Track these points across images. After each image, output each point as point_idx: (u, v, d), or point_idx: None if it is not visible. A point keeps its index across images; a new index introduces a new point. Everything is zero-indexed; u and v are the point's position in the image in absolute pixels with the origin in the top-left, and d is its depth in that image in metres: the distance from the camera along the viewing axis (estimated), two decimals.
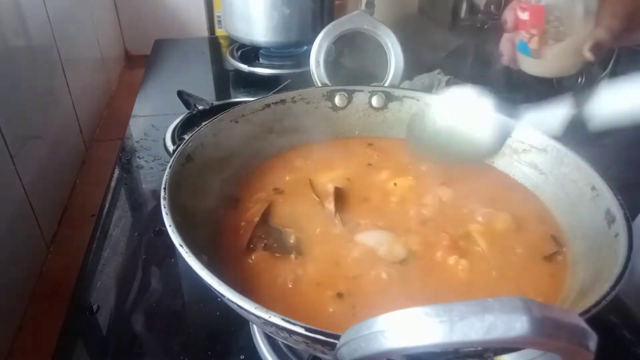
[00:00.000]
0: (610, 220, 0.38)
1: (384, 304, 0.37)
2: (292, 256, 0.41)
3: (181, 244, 0.33)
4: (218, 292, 0.31)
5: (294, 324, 0.28)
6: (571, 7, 0.50)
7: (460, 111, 0.54)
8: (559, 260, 0.42)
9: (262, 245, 0.42)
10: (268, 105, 0.54)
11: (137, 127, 0.85)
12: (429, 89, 0.81)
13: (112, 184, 0.70)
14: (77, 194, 0.80)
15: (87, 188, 0.82)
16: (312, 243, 0.43)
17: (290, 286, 0.38)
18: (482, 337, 0.17)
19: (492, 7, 1.26)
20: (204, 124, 0.49)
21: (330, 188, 0.49)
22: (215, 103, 0.85)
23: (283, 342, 0.44)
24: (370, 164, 0.54)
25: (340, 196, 0.48)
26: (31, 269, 0.64)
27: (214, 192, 0.46)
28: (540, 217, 0.46)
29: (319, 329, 0.27)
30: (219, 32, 1.33)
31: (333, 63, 1.06)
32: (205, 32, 1.34)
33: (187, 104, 0.85)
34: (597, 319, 0.27)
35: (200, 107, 0.83)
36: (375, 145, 0.57)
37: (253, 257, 0.41)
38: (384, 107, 0.58)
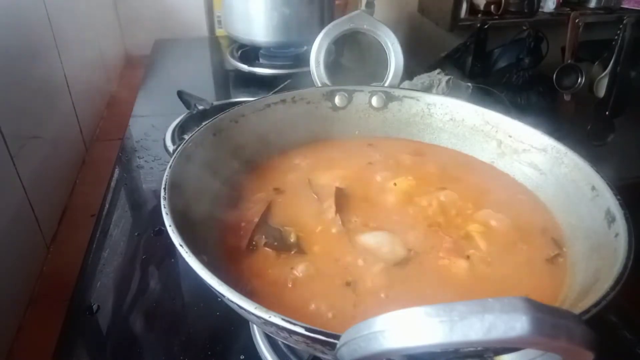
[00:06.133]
0: (610, 220, 0.38)
1: (384, 304, 0.37)
2: (292, 256, 0.41)
3: (181, 244, 0.33)
4: (218, 292, 0.31)
5: (294, 324, 0.28)
6: None
7: None
8: (560, 261, 0.42)
9: (263, 245, 0.42)
10: (268, 105, 0.54)
11: (137, 127, 0.85)
12: (429, 89, 0.81)
13: (112, 184, 0.70)
14: (77, 194, 0.80)
15: (87, 188, 0.82)
16: (312, 243, 0.43)
17: (290, 286, 0.38)
18: (482, 337, 0.17)
19: (492, 7, 1.26)
20: (204, 124, 0.49)
21: (330, 188, 0.49)
22: (215, 103, 0.85)
23: (283, 342, 0.44)
24: (370, 164, 0.54)
25: (340, 196, 0.48)
26: (31, 269, 0.63)
27: (213, 192, 0.46)
28: (540, 217, 0.46)
29: (319, 329, 0.27)
30: (219, 32, 1.33)
31: (333, 63, 1.06)
32: (205, 32, 1.34)
33: (187, 104, 0.85)
34: (597, 319, 0.27)
35: (200, 107, 0.83)
36: (375, 145, 0.57)
37: (253, 257, 0.41)
38: (384, 107, 0.58)
